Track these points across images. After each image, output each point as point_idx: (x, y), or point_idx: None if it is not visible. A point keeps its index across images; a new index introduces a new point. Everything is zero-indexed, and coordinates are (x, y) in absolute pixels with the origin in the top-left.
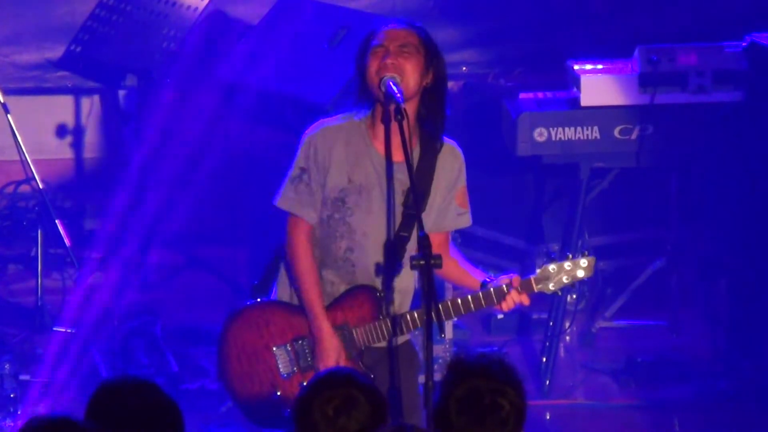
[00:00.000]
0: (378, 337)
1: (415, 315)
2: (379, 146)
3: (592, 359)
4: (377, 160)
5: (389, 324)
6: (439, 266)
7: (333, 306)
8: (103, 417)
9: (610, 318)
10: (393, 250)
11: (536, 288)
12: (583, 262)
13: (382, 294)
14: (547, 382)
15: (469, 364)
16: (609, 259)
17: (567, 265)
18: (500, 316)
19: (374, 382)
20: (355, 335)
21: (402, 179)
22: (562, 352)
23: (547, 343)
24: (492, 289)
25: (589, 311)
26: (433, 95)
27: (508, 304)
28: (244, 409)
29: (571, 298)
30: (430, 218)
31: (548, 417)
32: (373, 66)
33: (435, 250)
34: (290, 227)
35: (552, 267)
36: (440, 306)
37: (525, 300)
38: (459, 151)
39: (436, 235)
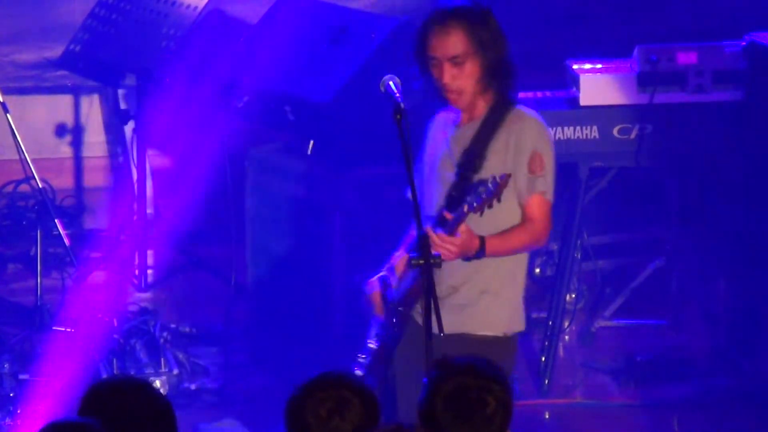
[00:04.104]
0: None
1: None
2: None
3: (592, 358)
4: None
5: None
6: (439, 266)
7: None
8: (95, 416)
9: (610, 317)
10: (447, 209)
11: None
12: None
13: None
14: (547, 382)
15: (455, 361)
16: (608, 258)
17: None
18: None
19: None
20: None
21: (460, 141)
22: (561, 352)
23: (547, 343)
24: None
25: (589, 310)
26: (492, 63)
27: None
28: None
29: (571, 297)
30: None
31: (547, 416)
32: (438, 79)
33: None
34: None
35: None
36: None
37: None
38: (528, 116)
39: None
